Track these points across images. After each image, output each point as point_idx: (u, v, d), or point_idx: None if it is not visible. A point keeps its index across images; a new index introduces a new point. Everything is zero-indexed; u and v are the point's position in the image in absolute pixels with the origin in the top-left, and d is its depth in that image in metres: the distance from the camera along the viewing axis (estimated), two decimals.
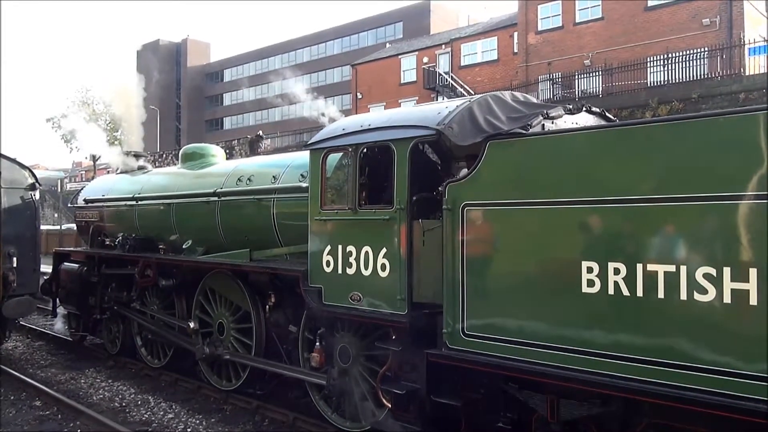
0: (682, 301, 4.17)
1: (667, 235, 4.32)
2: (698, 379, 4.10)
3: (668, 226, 4.33)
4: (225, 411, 8.26)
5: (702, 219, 4.19)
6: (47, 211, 47.37)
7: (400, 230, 5.90)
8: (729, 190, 4.07)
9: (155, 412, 8.24)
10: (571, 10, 30.08)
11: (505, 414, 5.37)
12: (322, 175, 6.69)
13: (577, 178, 4.81)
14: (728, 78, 22.16)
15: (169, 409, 8.35)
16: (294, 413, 7.67)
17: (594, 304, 4.59)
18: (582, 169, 4.81)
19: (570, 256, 4.76)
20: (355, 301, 6.31)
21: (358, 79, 43.63)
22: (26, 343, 12.71)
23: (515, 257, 5.15)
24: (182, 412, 8.19)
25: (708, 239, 4.16)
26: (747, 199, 3.98)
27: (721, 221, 4.11)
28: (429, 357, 5.60)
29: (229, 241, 8.53)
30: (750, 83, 20.55)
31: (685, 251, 4.22)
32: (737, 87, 20.53)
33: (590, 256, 4.63)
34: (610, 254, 4.53)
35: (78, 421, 7.84)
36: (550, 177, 4.95)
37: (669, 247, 4.30)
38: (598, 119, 6.33)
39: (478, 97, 6.04)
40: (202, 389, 9.03)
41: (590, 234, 4.71)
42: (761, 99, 19.00)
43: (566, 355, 4.70)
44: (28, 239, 11.26)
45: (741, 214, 4.01)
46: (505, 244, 5.22)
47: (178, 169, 10.57)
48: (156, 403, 8.57)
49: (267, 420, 7.84)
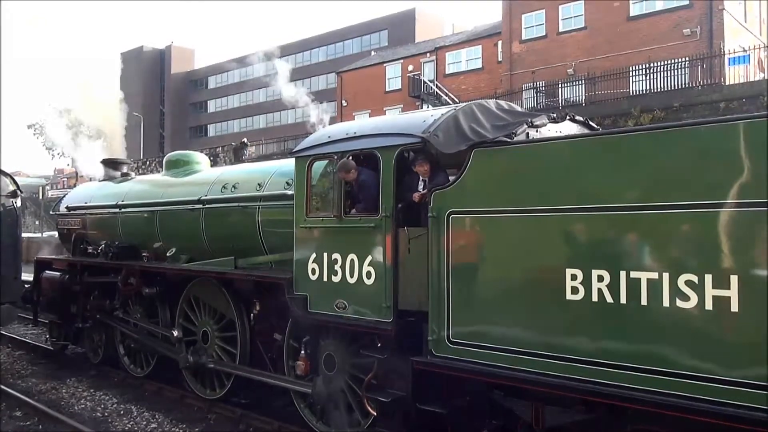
0: (665, 308, 4.23)
1: (649, 242, 4.38)
2: (681, 385, 4.14)
3: (651, 234, 4.38)
4: (209, 420, 8.19)
5: (684, 227, 4.25)
6: (28, 218, 46.85)
7: (386, 238, 5.91)
8: (711, 198, 4.13)
9: (138, 422, 8.15)
10: (554, 20, 30.34)
11: (490, 421, 5.40)
12: (307, 183, 6.68)
13: (561, 186, 4.85)
14: (709, 87, 22.39)
15: (152, 418, 8.26)
16: (278, 422, 7.62)
17: (578, 311, 4.63)
18: (566, 177, 4.85)
19: (554, 263, 4.80)
20: (340, 309, 6.30)
21: (343, 87, 43.67)
22: (6, 353, 12.49)
23: (500, 265, 5.17)
24: (165, 422, 8.10)
25: (689, 247, 4.22)
26: (728, 207, 4.05)
27: (704, 229, 4.16)
28: (414, 365, 5.60)
29: (214, 248, 8.47)
30: (730, 92, 20.79)
31: (666, 259, 4.27)
32: (717, 96, 20.74)
33: (574, 263, 4.67)
34: (594, 262, 4.58)
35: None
36: (535, 185, 5.00)
37: (651, 255, 4.35)
38: (582, 128, 6.40)
39: (463, 105, 6.08)
40: (186, 398, 8.93)
41: (574, 241, 4.76)
42: (741, 108, 19.25)
43: (550, 362, 4.73)
44: (9, 247, 11.19)
45: (722, 222, 4.07)
46: (490, 252, 5.25)
47: (162, 177, 10.49)
48: (139, 413, 8.47)
49: (251, 429, 7.77)
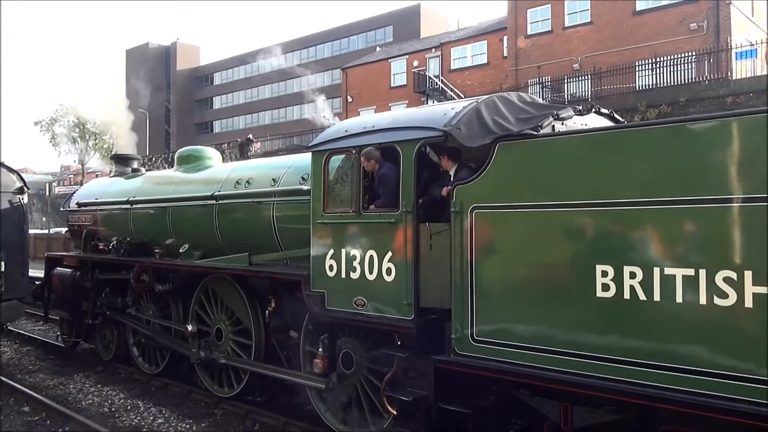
0: (702, 306, 4.09)
1: (687, 238, 4.23)
2: (718, 385, 4.01)
3: (688, 229, 4.23)
4: (215, 415, 8.19)
5: (725, 221, 4.09)
6: (35, 215, 46.90)
7: (407, 233, 5.78)
8: (759, 192, 3.96)
9: (145, 417, 8.15)
10: (560, 15, 30.10)
11: (515, 421, 5.27)
12: (324, 178, 6.56)
13: (592, 180, 4.70)
14: (716, 82, 22.21)
15: (159, 414, 8.26)
16: (285, 417, 7.59)
17: (609, 309, 4.49)
18: (598, 170, 4.69)
19: (583, 259, 4.66)
20: (359, 306, 6.19)
21: (348, 83, 43.54)
22: (14, 349, 12.55)
23: (527, 261, 5.03)
24: (172, 417, 8.10)
25: (730, 242, 4.06)
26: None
27: (747, 224, 4.00)
28: (437, 363, 5.48)
29: (227, 244, 8.38)
30: (737, 87, 20.55)
31: (704, 255, 4.12)
32: (725, 91, 20.52)
33: (605, 259, 4.53)
34: (626, 258, 4.44)
35: (67, 427, 7.77)
36: (564, 178, 4.84)
37: (687, 251, 4.20)
38: (607, 120, 6.26)
39: (485, 98, 5.94)
40: (193, 393, 8.92)
41: (605, 237, 4.61)
42: (748, 103, 19.03)
43: (581, 361, 4.60)
44: (16, 243, 11.21)
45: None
46: (516, 248, 5.10)
47: (174, 172, 10.39)
48: (146, 408, 8.49)
49: (258, 424, 7.76)
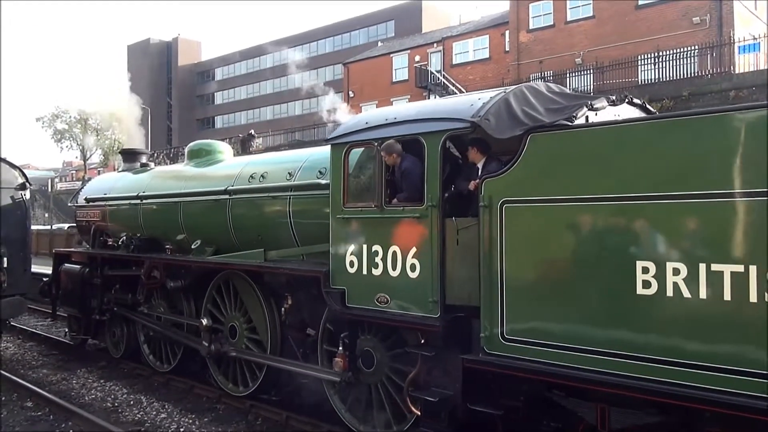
0: (752, 304, 3.92)
1: (734, 232, 4.05)
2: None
3: (735, 224, 4.05)
4: (218, 410, 8.16)
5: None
6: (37, 211, 46.74)
7: (432, 228, 5.60)
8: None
9: (148, 412, 8.12)
10: (562, 9, 29.94)
11: (548, 423, 5.10)
12: (344, 172, 6.37)
13: (630, 172, 4.50)
14: (718, 76, 22.03)
15: (162, 408, 8.23)
16: (287, 412, 7.52)
17: (650, 307, 4.32)
18: (637, 162, 4.49)
19: (622, 255, 4.48)
20: (381, 304, 6.01)
21: (350, 78, 43.29)
22: (17, 344, 12.49)
23: (561, 257, 4.85)
24: (175, 412, 8.07)
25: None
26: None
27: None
28: (465, 363, 5.31)
29: (241, 240, 8.18)
30: (740, 81, 20.43)
31: (756, 250, 3.92)
32: (727, 85, 20.41)
33: (646, 255, 4.36)
34: (668, 253, 4.26)
35: (70, 422, 7.75)
36: (601, 171, 4.65)
37: (736, 246, 4.02)
38: (640, 111, 6.07)
39: (513, 88, 5.76)
40: (195, 389, 8.88)
41: (646, 232, 4.42)
42: (751, 97, 18.85)
43: (619, 361, 4.42)
44: (19, 239, 11.20)
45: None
46: (548, 243, 4.91)
47: (184, 167, 10.19)
48: (149, 403, 8.46)
49: (260, 419, 7.72)
